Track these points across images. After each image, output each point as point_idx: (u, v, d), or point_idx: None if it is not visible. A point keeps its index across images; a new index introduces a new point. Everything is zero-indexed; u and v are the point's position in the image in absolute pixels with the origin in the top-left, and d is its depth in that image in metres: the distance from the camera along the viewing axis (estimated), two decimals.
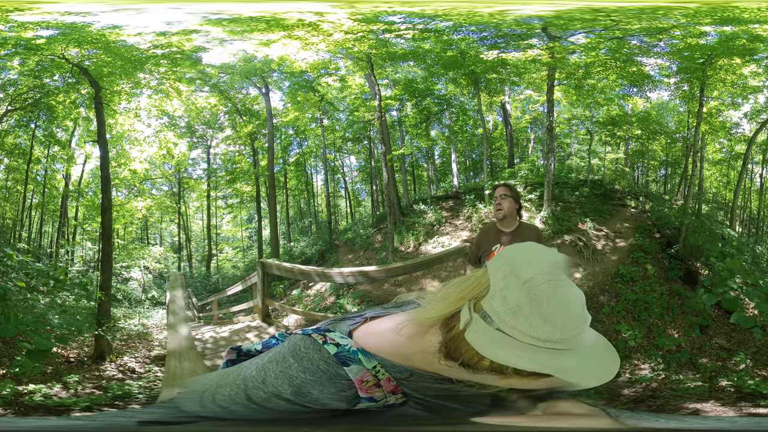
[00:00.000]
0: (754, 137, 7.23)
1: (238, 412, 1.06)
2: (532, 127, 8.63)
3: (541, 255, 1.00)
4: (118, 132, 7.01)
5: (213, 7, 5.16)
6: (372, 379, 1.02)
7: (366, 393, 1.02)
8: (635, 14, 5.45)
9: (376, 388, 1.02)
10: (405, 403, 1.07)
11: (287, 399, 1.00)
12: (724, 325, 6.04)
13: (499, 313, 0.93)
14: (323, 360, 1.01)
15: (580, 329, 0.95)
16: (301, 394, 1.00)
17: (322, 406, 1.01)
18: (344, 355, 1.02)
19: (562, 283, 0.95)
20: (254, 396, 1.03)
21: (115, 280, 7.45)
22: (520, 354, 0.92)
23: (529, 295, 0.93)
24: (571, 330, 0.93)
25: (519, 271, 0.96)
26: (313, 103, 7.92)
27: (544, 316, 0.92)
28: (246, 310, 7.42)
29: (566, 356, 0.93)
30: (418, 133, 8.61)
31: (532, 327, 0.93)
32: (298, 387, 1.00)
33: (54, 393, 4.47)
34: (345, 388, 1.01)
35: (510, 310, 0.93)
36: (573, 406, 1.12)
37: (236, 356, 1.27)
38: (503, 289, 0.95)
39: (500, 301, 0.94)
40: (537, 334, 0.92)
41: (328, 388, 1.00)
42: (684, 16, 5.45)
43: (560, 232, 7.27)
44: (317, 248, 8.62)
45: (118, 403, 4.47)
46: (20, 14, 5.25)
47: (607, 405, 4.06)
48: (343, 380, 1.00)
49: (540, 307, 0.92)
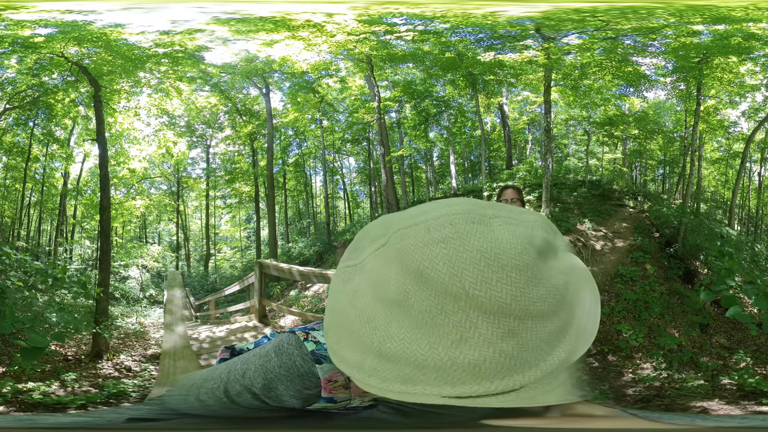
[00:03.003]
0: (752, 136, 7.28)
1: (212, 407, 1.05)
2: (530, 128, 8.69)
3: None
4: (117, 131, 7.01)
5: (229, 6, 5.19)
6: (342, 380, 0.97)
7: (329, 393, 0.98)
8: (615, 15, 5.52)
9: (342, 389, 0.98)
10: (373, 406, 1.03)
11: (254, 393, 0.99)
12: (724, 324, 6.04)
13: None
14: (301, 356, 0.97)
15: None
16: (269, 388, 0.98)
17: (278, 403, 0.99)
18: (320, 353, 0.98)
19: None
20: (231, 389, 1.02)
21: (113, 278, 7.40)
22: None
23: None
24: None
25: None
26: (313, 104, 7.95)
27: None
28: (243, 310, 7.40)
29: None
30: (416, 134, 8.64)
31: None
32: (269, 381, 0.98)
33: (52, 391, 4.44)
34: (310, 386, 0.97)
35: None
36: (590, 408, 1.09)
37: (230, 355, 1.26)
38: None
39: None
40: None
41: (295, 385, 0.97)
42: (671, 15, 5.51)
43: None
44: (315, 249, 8.61)
45: (112, 401, 4.45)
46: (14, 12, 5.25)
47: (614, 406, 4.05)
48: (312, 378, 0.97)
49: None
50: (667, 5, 5.31)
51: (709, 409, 4.44)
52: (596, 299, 0.64)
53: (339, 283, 0.71)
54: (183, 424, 1.11)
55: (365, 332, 0.61)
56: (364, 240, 0.67)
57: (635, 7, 5.34)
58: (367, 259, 0.65)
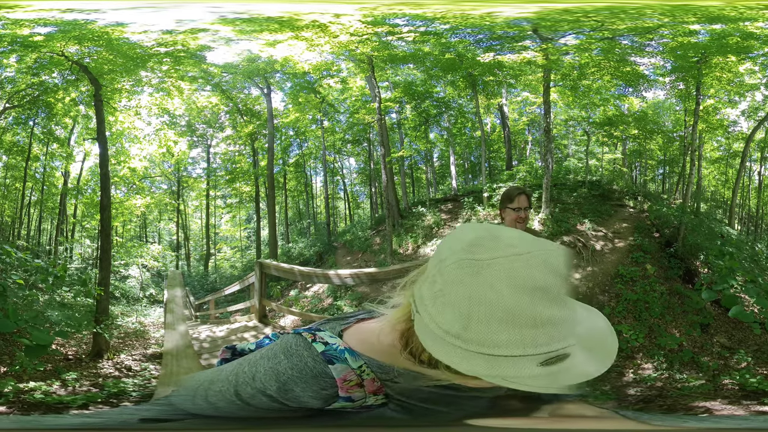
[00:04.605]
0: (752, 135, 7.31)
1: (223, 408, 1.07)
2: (530, 129, 8.72)
3: (470, 231, 0.88)
4: (118, 130, 6.99)
5: (241, 6, 5.19)
6: (355, 378, 1.01)
7: (346, 392, 1.01)
8: (606, 15, 5.55)
9: (358, 387, 1.02)
10: (384, 404, 1.06)
11: (270, 396, 1.01)
12: (725, 323, 6.05)
13: (423, 296, 0.87)
14: (311, 357, 1.01)
15: (504, 338, 0.77)
16: (284, 390, 1.00)
17: (298, 404, 1.01)
18: (331, 354, 1.01)
19: (482, 268, 0.80)
20: (242, 392, 1.03)
21: (114, 277, 7.38)
22: (433, 346, 0.83)
23: (443, 278, 0.83)
24: (485, 333, 0.78)
25: (443, 250, 0.87)
26: (314, 105, 7.96)
27: (451, 303, 0.81)
28: (243, 310, 7.39)
29: (484, 361, 0.79)
30: (417, 135, 8.66)
31: (440, 312, 0.82)
32: (283, 383, 1.00)
33: (53, 390, 4.42)
34: (327, 387, 1.01)
35: (433, 295, 0.85)
36: (582, 408, 1.09)
37: (230, 355, 1.28)
38: (435, 273, 0.87)
39: (429, 285, 0.87)
40: (441, 322, 0.82)
41: (311, 386, 1.00)
42: (663, 15, 5.55)
43: (559, 233, 7.29)
44: (315, 250, 8.60)
45: (113, 400, 4.45)
46: (9, 11, 5.24)
47: (616, 407, 4.05)
48: (326, 378, 1.00)
49: (447, 292, 0.82)
50: (659, 5, 5.35)
51: (712, 410, 4.44)
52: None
53: (468, 275, 0.81)
54: (195, 424, 1.12)
55: (520, 308, 0.78)
56: (490, 241, 0.83)
57: (625, 6, 5.37)
58: (501, 259, 0.80)
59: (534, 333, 0.77)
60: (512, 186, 6.72)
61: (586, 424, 1.12)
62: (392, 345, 0.99)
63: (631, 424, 1.19)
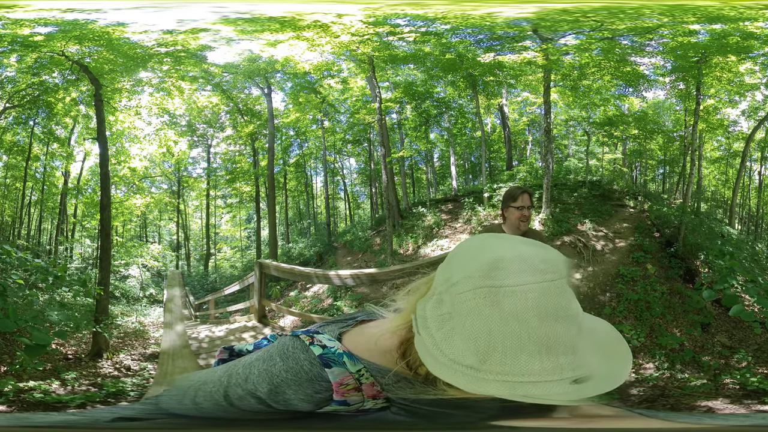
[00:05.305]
0: (752, 135, 7.32)
1: (207, 410, 1.04)
2: (530, 129, 8.73)
3: (486, 249, 0.81)
4: (118, 129, 7.00)
5: (243, 6, 5.19)
6: (353, 382, 0.99)
7: (341, 396, 0.99)
8: (605, 16, 5.56)
9: (355, 392, 1.00)
10: (386, 408, 1.04)
11: (259, 398, 0.99)
12: (725, 323, 6.05)
13: (427, 318, 0.84)
14: (308, 360, 0.99)
15: (537, 368, 0.74)
16: (275, 393, 0.98)
17: (287, 407, 0.99)
18: (328, 357, 0.99)
19: (505, 296, 0.75)
20: (232, 393, 1.02)
21: (114, 277, 7.37)
22: (439, 367, 0.80)
23: (455, 305, 0.79)
24: (512, 366, 0.74)
25: (453, 270, 0.82)
26: (315, 105, 7.96)
27: (464, 335, 0.77)
28: (242, 310, 7.38)
29: (506, 386, 0.75)
30: (417, 135, 8.66)
31: (446, 340, 0.79)
32: (276, 386, 0.98)
33: (53, 390, 4.42)
34: (321, 390, 0.99)
35: (439, 318, 0.81)
36: (598, 408, 1.08)
37: (228, 356, 1.25)
38: (442, 292, 0.83)
39: (434, 305, 0.83)
40: (448, 352, 0.78)
41: (305, 389, 0.98)
42: (662, 15, 5.56)
43: (560, 233, 7.29)
44: (316, 250, 8.60)
45: (111, 400, 4.44)
46: (9, 11, 5.24)
47: (621, 407, 4.04)
48: (322, 382, 0.98)
49: (460, 322, 0.78)
50: (657, 5, 5.36)
51: (714, 409, 4.44)
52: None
53: (487, 306, 0.75)
54: (169, 424, 1.10)
55: (555, 338, 0.74)
56: (515, 264, 0.77)
57: (623, 7, 5.38)
58: (530, 286, 0.75)
59: (572, 359, 0.76)
60: (514, 185, 6.73)
61: (613, 423, 1.10)
62: (391, 350, 0.98)
63: (655, 422, 1.17)
